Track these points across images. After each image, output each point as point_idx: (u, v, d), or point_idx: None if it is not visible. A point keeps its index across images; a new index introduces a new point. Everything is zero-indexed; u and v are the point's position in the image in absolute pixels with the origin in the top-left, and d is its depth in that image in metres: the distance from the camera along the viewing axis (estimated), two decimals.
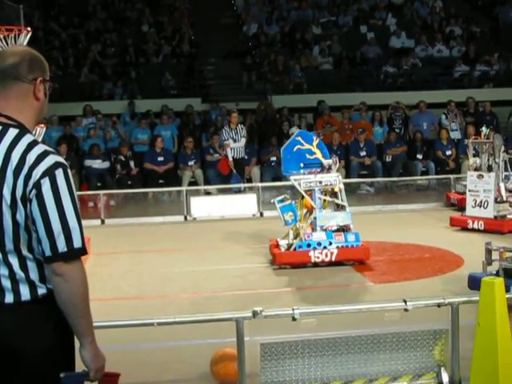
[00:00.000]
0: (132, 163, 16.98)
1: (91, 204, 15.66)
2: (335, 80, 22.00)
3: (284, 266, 9.54)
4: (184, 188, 15.18)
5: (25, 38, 9.45)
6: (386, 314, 5.46)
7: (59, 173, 2.98)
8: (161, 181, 16.89)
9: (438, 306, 5.41)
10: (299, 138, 9.68)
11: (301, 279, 9.18)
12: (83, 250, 3.05)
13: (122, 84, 21.22)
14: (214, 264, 10.11)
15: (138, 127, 18.63)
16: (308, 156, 9.64)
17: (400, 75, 22.08)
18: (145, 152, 17.67)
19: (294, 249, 9.46)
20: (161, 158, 17.13)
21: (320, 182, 9.49)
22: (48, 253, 2.96)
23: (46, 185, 2.94)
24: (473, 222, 11.71)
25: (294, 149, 9.64)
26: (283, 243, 9.55)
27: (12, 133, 3.02)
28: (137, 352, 6.50)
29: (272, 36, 23.66)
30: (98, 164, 16.91)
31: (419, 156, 17.74)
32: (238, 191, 15.38)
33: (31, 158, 2.96)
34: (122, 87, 21.15)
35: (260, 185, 14.83)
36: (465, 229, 11.87)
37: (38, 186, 2.93)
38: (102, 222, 14.08)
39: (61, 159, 3.03)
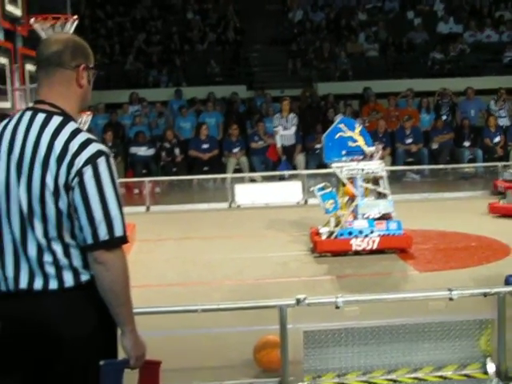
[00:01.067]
0: (177, 150, 17.05)
1: (136, 191, 15.77)
2: (381, 67, 21.79)
3: (325, 253, 9.50)
4: (229, 175, 15.20)
5: (71, 26, 9.50)
6: (431, 303, 5.41)
7: (101, 161, 3.00)
8: (205, 168, 16.92)
9: (484, 295, 5.34)
10: (341, 126, 9.61)
11: (342, 267, 9.13)
12: (124, 239, 3.06)
13: (168, 72, 21.31)
14: (257, 251, 10.12)
15: (179, 116, 18.67)
16: (350, 143, 9.57)
17: (447, 61, 21.77)
18: (190, 139, 17.74)
19: (335, 237, 9.42)
20: (205, 146, 17.18)
21: (362, 170, 9.43)
22: (90, 241, 2.98)
23: (88, 173, 2.96)
24: None
25: (336, 136, 9.57)
26: (324, 231, 9.51)
27: (56, 121, 3.04)
28: (181, 338, 6.54)
29: (317, 23, 23.52)
30: (143, 151, 17.02)
31: (466, 143, 17.50)
32: (283, 178, 15.36)
33: (74, 145, 2.98)
34: (168, 75, 21.24)
35: (305, 172, 14.79)
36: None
37: (80, 173, 2.95)
38: (147, 208, 14.19)
39: (103, 147, 3.04)
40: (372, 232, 9.44)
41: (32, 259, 3.01)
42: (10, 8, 9.33)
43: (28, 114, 3.09)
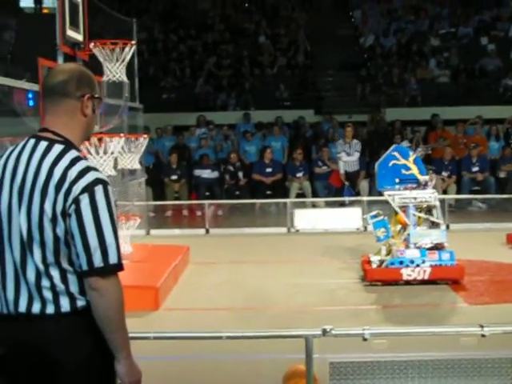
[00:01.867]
0: (241, 174, 17.16)
1: (199, 213, 15.90)
2: (451, 93, 21.50)
3: (375, 282, 9.39)
4: (288, 200, 15.17)
5: (130, 51, 9.69)
6: (462, 339, 5.28)
7: (99, 189, 3.04)
8: (268, 192, 16.97)
9: None
10: (395, 153, 9.53)
11: (390, 297, 9.02)
12: (119, 266, 3.09)
13: (236, 95, 21.51)
14: (308, 277, 10.08)
15: (245, 139, 18.81)
16: (404, 171, 9.47)
17: None
18: (254, 163, 17.84)
19: (386, 265, 9.30)
20: (269, 169, 17.23)
21: (415, 199, 9.31)
22: (85, 267, 3.03)
23: (84, 200, 3.01)
24: None
25: (390, 164, 9.50)
26: (375, 259, 9.41)
27: (57, 149, 3.10)
28: (214, 363, 6.56)
29: (388, 48, 23.41)
30: (207, 174, 17.17)
31: None
32: (343, 204, 15.28)
33: (72, 173, 3.03)
34: (236, 98, 21.45)
35: (365, 198, 14.67)
36: None
37: (77, 201, 3.01)
38: (207, 231, 14.29)
39: (101, 176, 3.09)
40: (424, 262, 9.28)
41: (31, 283, 3.07)
42: (70, 33, 9.57)
43: (31, 141, 3.17)
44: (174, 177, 16.84)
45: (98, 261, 3.02)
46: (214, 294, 9.40)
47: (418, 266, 9.23)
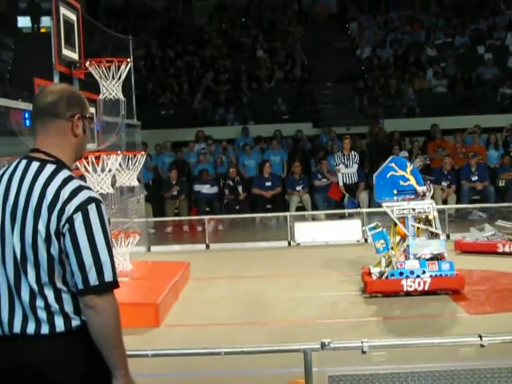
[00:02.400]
0: (240, 188, 17.17)
1: (199, 229, 15.90)
2: (449, 103, 21.54)
3: (375, 294, 9.38)
4: (288, 213, 15.18)
5: (125, 68, 9.73)
6: (461, 349, 5.27)
7: (92, 208, 3.07)
8: (268, 206, 16.99)
9: None
10: (393, 165, 9.55)
11: (391, 308, 9.01)
12: (115, 284, 3.10)
13: (234, 110, 21.57)
14: (309, 291, 10.07)
15: (244, 153, 18.85)
16: (401, 183, 9.49)
17: None
18: (253, 177, 17.86)
19: (386, 277, 9.30)
20: (268, 183, 17.24)
21: (413, 210, 9.31)
22: (80, 286, 3.05)
23: (78, 219, 3.03)
24: None
25: (388, 175, 9.51)
26: (375, 271, 9.42)
27: (49, 169, 3.13)
28: (214, 379, 6.56)
29: (385, 59, 23.48)
30: (206, 189, 17.18)
31: None
32: (343, 217, 15.28)
33: (65, 193, 3.06)
34: (234, 113, 21.50)
35: (365, 210, 14.68)
36: None
37: (70, 220, 3.03)
38: (207, 246, 14.30)
39: (94, 194, 3.12)
40: (424, 272, 9.29)
41: (25, 304, 3.09)
42: (66, 52, 9.61)
43: (23, 162, 3.19)
44: (174, 193, 16.85)
45: (93, 279, 3.03)
46: (215, 309, 9.40)
47: (418, 276, 9.23)
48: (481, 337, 5.10)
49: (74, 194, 3.06)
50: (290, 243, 14.16)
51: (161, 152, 19.12)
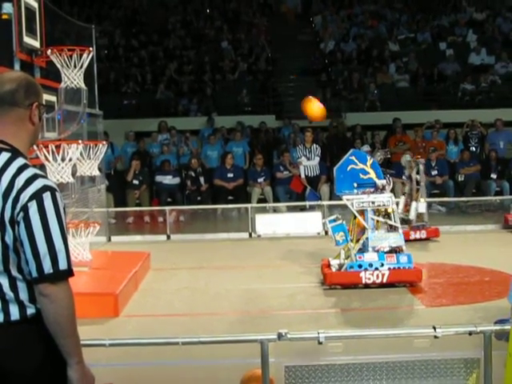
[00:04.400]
0: (202, 179, 17.16)
1: (161, 219, 15.86)
2: (411, 97, 21.75)
3: (334, 286, 9.46)
4: (249, 205, 15.22)
5: (87, 57, 9.66)
6: (416, 341, 5.35)
7: (47, 196, 3.05)
8: (230, 197, 17.00)
9: (470, 333, 5.26)
10: (353, 158, 9.63)
11: (349, 300, 9.09)
12: (69, 272, 3.09)
13: (198, 101, 21.50)
14: (268, 282, 10.13)
15: (207, 143, 18.84)
16: (361, 176, 9.57)
17: (478, 93, 21.63)
18: (215, 168, 17.85)
19: (345, 269, 9.38)
20: (230, 175, 17.26)
21: (373, 203, 9.40)
22: (34, 274, 3.03)
23: (33, 208, 3.02)
24: None
25: (348, 168, 9.59)
26: (334, 263, 9.50)
27: (3, 157, 3.10)
28: (172, 368, 6.57)
29: (348, 53, 23.60)
30: (168, 180, 17.15)
31: (493, 175, 17.33)
32: (304, 209, 15.36)
33: (20, 181, 3.04)
34: (197, 104, 21.44)
35: (325, 203, 14.76)
36: None
37: (25, 208, 3.01)
38: (168, 237, 14.28)
39: (50, 183, 3.10)
40: (382, 265, 9.38)
41: None
42: (27, 40, 9.52)
43: None
44: (136, 183, 16.77)
45: (47, 267, 3.02)
46: (174, 299, 9.41)
47: (376, 269, 9.33)
48: (435, 328, 5.17)
49: (28, 182, 3.04)
50: (251, 235, 14.22)
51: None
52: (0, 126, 3.18)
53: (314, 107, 10.03)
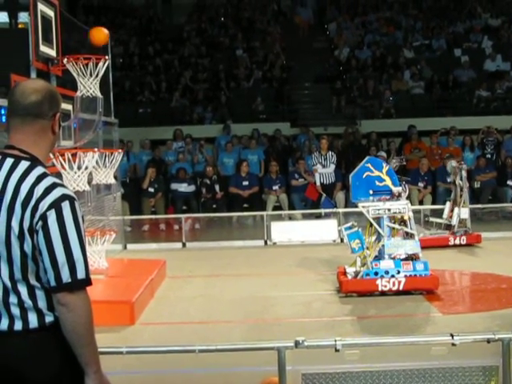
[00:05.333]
0: (217, 187, 17.18)
1: (176, 227, 15.88)
2: (426, 104, 21.71)
3: (350, 293, 9.43)
4: (265, 213, 15.21)
5: (103, 66, 9.70)
6: (433, 348, 5.33)
7: (65, 205, 3.07)
8: (245, 205, 17.01)
9: (488, 341, 5.23)
10: (369, 165, 9.61)
11: (365, 308, 9.05)
12: (87, 281, 3.11)
13: (213, 108, 21.55)
14: (284, 290, 10.11)
15: (224, 151, 18.87)
16: (377, 183, 9.55)
17: (493, 99, 21.57)
18: (230, 176, 17.88)
19: (361, 277, 9.35)
20: (246, 183, 17.27)
21: (389, 210, 9.37)
22: (53, 283, 3.05)
23: (51, 217, 3.04)
24: None
25: (364, 175, 9.57)
26: (350, 271, 9.47)
27: (23, 166, 3.12)
28: (188, 376, 6.57)
29: (363, 60, 23.59)
30: (183, 187, 17.18)
31: (510, 182, 17.24)
32: (319, 216, 15.33)
33: (39, 190, 3.06)
34: (212, 111, 21.49)
35: (341, 210, 14.73)
36: None
37: (44, 217, 3.03)
38: (184, 245, 14.30)
39: (68, 192, 3.12)
40: (398, 272, 9.35)
41: None
42: (44, 48, 9.58)
43: None
44: (151, 191, 16.81)
45: (65, 276, 3.04)
46: (190, 307, 9.40)
47: (392, 276, 9.29)
48: (452, 336, 5.16)
49: (47, 191, 3.06)
50: (266, 242, 14.20)
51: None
52: (22, 136, 3.20)
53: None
